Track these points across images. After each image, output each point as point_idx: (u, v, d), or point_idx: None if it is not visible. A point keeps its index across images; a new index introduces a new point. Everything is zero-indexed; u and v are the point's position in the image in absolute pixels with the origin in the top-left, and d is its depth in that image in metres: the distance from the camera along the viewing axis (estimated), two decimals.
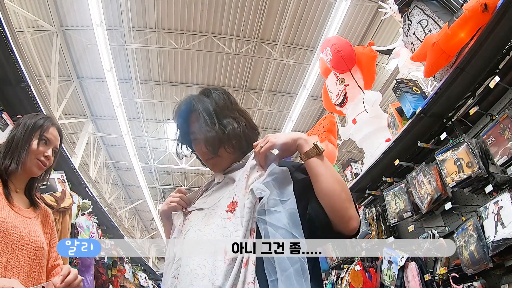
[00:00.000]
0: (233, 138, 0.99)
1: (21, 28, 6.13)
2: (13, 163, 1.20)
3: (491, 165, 1.75)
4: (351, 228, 0.87)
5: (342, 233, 0.88)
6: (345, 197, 0.88)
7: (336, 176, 0.90)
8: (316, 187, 0.89)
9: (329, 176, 0.88)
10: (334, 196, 0.87)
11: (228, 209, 0.90)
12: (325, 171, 0.89)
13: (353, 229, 0.88)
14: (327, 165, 0.91)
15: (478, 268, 1.70)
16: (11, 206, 1.16)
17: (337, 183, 0.88)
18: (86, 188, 3.63)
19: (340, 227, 0.87)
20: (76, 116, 9.22)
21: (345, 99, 3.26)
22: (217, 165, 1.04)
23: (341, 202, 0.87)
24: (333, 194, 0.87)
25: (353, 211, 0.88)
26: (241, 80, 8.48)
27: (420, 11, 2.35)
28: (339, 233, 0.88)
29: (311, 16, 6.90)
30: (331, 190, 0.87)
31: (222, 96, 1.03)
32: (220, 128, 0.97)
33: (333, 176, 0.89)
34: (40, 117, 1.31)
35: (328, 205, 0.87)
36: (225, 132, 0.97)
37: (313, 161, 0.90)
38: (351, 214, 0.87)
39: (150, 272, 7.93)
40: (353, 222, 0.88)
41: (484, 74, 1.93)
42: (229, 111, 1.01)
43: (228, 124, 0.99)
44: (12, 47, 2.12)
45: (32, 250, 1.14)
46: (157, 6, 6.74)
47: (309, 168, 0.91)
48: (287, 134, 0.94)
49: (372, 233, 2.77)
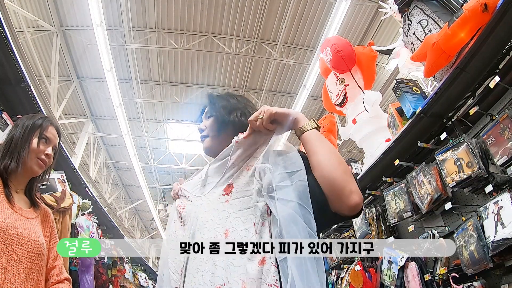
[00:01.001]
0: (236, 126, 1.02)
1: (21, 28, 6.13)
2: (12, 162, 1.20)
3: (491, 165, 1.75)
4: (353, 203, 0.79)
5: (341, 213, 0.80)
6: (344, 168, 0.82)
7: (334, 150, 0.86)
8: (312, 161, 0.85)
9: (326, 148, 0.85)
10: (331, 167, 0.81)
11: (224, 192, 0.92)
12: (322, 144, 0.86)
13: (355, 205, 0.79)
14: (324, 139, 0.88)
15: (478, 268, 1.70)
16: (11, 206, 1.16)
17: (335, 155, 0.84)
18: (86, 188, 3.63)
19: (340, 205, 0.79)
20: (76, 116, 9.22)
21: (345, 99, 3.26)
22: (212, 148, 1.06)
23: (340, 174, 0.80)
24: (330, 165, 0.81)
25: (354, 185, 0.80)
26: (241, 80, 8.48)
27: (420, 11, 2.35)
28: (336, 213, 0.81)
29: (311, 16, 6.90)
30: (328, 162, 0.82)
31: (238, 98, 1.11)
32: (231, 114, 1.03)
33: (330, 150, 0.85)
34: (39, 117, 1.32)
35: (325, 177, 0.81)
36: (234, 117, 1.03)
37: (308, 134, 0.87)
38: (351, 188, 0.79)
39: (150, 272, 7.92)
40: (355, 196, 0.79)
41: (484, 74, 1.93)
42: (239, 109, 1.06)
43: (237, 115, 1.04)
44: (12, 47, 2.12)
45: (31, 251, 1.14)
46: (157, 6, 6.74)
47: (304, 142, 0.88)
48: (283, 108, 0.93)
49: (372, 233, 2.77)
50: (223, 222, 0.87)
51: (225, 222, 0.87)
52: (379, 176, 2.76)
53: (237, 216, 0.86)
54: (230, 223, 0.86)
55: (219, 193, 0.94)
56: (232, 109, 1.04)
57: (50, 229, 1.31)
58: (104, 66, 6.20)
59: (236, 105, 1.06)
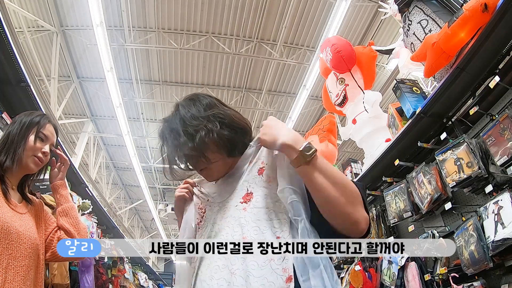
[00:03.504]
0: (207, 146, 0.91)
1: (21, 28, 6.13)
2: (8, 159, 1.19)
3: (491, 165, 1.75)
4: (359, 231, 0.79)
5: (350, 235, 0.81)
6: (345, 201, 0.77)
7: (333, 179, 0.79)
8: (312, 196, 0.81)
9: (324, 182, 0.78)
10: (332, 204, 0.78)
11: (243, 200, 0.88)
12: (318, 178, 0.78)
13: (361, 232, 0.79)
14: (321, 168, 0.79)
15: (478, 268, 1.70)
16: (8, 203, 1.15)
17: (334, 188, 0.77)
18: (86, 188, 3.63)
19: (346, 232, 0.80)
20: (76, 116, 9.22)
21: (345, 99, 3.26)
22: (210, 175, 0.99)
23: (342, 208, 0.77)
24: (330, 201, 0.78)
25: (358, 214, 0.78)
26: (241, 80, 8.48)
27: (420, 11, 2.35)
28: (345, 235, 0.81)
29: (311, 16, 6.90)
30: (327, 198, 0.78)
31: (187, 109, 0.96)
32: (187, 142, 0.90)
33: (329, 182, 0.78)
34: (36, 115, 1.31)
35: (326, 213, 0.79)
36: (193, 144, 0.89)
37: (302, 170, 0.79)
38: (355, 218, 0.78)
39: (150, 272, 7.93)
40: (360, 225, 0.78)
41: (484, 74, 1.93)
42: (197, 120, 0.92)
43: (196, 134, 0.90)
44: (12, 47, 2.12)
45: (29, 248, 1.14)
46: (157, 6, 6.74)
47: (300, 176, 0.82)
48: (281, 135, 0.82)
49: (372, 233, 2.77)
50: (240, 229, 0.84)
51: (242, 229, 0.84)
52: (379, 176, 2.76)
53: (256, 225, 0.83)
54: (247, 231, 0.83)
55: (238, 200, 0.90)
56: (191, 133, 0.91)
57: (44, 220, 1.31)
58: (104, 66, 6.20)
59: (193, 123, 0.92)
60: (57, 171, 1.41)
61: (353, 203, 0.79)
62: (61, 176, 1.41)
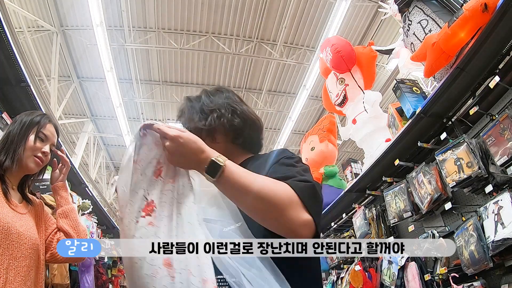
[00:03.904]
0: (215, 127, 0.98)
1: (21, 28, 6.13)
2: (8, 159, 1.18)
3: (491, 165, 1.75)
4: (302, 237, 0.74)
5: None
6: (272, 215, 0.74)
7: (249, 190, 0.74)
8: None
9: (239, 195, 0.75)
10: (259, 218, 0.76)
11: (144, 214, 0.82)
12: (234, 194, 0.76)
13: (305, 237, 0.74)
14: (233, 183, 0.75)
15: (478, 268, 1.70)
16: (9, 203, 1.15)
17: (255, 202, 0.73)
18: (86, 188, 3.63)
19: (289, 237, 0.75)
20: (76, 116, 9.22)
21: (345, 99, 3.26)
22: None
23: (272, 222, 0.75)
24: (257, 216, 0.76)
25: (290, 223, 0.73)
26: (241, 80, 8.48)
27: (420, 11, 2.35)
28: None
29: (311, 16, 6.90)
30: (253, 213, 0.76)
31: (209, 94, 1.06)
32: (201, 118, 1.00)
33: (244, 194, 0.74)
34: (37, 114, 1.30)
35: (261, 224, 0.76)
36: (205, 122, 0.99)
37: (218, 185, 0.76)
38: (290, 227, 0.74)
39: None
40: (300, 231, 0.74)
41: (484, 74, 1.93)
42: (214, 104, 1.02)
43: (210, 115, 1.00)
44: (12, 47, 2.12)
45: (29, 249, 1.14)
46: (157, 6, 6.74)
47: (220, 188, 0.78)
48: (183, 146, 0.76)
49: (372, 233, 2.77)
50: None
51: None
52: (379, 176, 2.76)
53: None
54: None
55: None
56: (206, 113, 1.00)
57: (44, 221, 1.31)
58: (104, 66, 6.20)
59: (210, 105, 1.01)
60: (58, 172, 1.41)
61: (282, 210, 0.73)
62: (62, 178, 1.41)
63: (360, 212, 2.92)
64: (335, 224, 3.55)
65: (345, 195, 3.19)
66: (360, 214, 2.91)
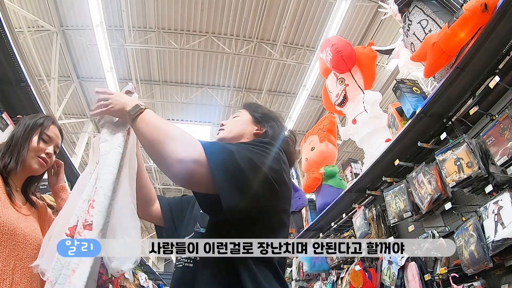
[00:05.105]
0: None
1: (21, 28, 6.13)
2: (12, 161, 1.19)
3: (491, 165, 1.75)
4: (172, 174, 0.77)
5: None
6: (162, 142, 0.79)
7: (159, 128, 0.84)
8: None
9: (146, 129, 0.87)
10: (151, 147, 0.82)
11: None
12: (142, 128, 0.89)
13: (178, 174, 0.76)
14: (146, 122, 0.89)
15: (478, 268, 1.70)
16: (13, 205, 1.16)
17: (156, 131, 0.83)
18: None
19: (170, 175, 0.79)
20: (76, 116, 9.23)
21: (345, 99, 3.26)
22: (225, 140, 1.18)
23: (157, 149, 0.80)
24: (150, 146, 0.83)
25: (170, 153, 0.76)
26: (241, 80, 8.48)
27: (420, 11, 2.35)
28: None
29: (311, 16, 6.90)
30: (148, 144, 0.84)
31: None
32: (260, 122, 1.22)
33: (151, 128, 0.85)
34: (40, 116, 1.32)
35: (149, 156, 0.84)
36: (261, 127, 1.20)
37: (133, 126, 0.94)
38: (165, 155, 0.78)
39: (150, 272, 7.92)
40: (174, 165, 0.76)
41: (484, 74, 1.93)
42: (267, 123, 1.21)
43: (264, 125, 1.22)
44: (12, 47, 2.12)
45: (34, 249, 1.14)
46: (157, 6, 6.75)
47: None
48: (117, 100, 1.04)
49: (372, 233, 2.76)
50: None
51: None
52: (379, 176, 2.76)
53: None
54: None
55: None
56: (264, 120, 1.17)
57: (48, 226, 1.30)
58: (104, 66, 6.21)
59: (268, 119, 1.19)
60: (55, 175, 1.41)
61: (170, 144, 0.77)
62: (60, 179, 1.41)
63: (360, 212, 2.92)
64: (335, 224, 3.55)
65: (345, 195, 3.19)
66: (360, 214, 2.90)
